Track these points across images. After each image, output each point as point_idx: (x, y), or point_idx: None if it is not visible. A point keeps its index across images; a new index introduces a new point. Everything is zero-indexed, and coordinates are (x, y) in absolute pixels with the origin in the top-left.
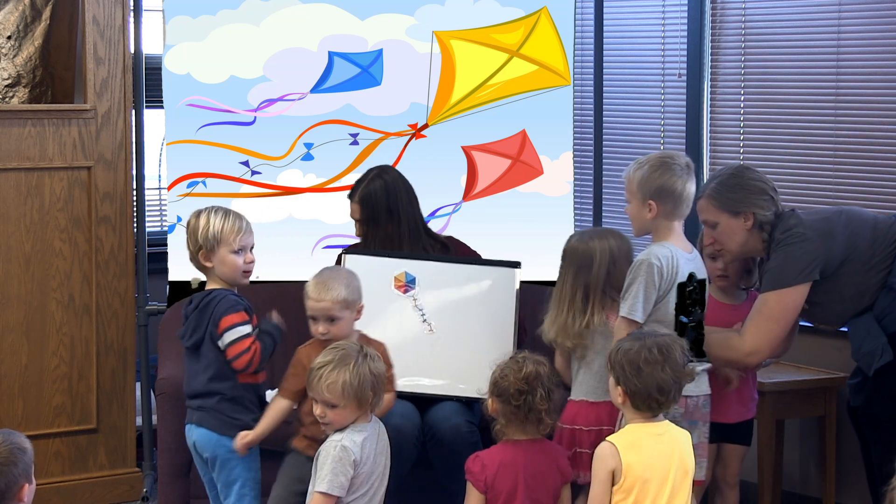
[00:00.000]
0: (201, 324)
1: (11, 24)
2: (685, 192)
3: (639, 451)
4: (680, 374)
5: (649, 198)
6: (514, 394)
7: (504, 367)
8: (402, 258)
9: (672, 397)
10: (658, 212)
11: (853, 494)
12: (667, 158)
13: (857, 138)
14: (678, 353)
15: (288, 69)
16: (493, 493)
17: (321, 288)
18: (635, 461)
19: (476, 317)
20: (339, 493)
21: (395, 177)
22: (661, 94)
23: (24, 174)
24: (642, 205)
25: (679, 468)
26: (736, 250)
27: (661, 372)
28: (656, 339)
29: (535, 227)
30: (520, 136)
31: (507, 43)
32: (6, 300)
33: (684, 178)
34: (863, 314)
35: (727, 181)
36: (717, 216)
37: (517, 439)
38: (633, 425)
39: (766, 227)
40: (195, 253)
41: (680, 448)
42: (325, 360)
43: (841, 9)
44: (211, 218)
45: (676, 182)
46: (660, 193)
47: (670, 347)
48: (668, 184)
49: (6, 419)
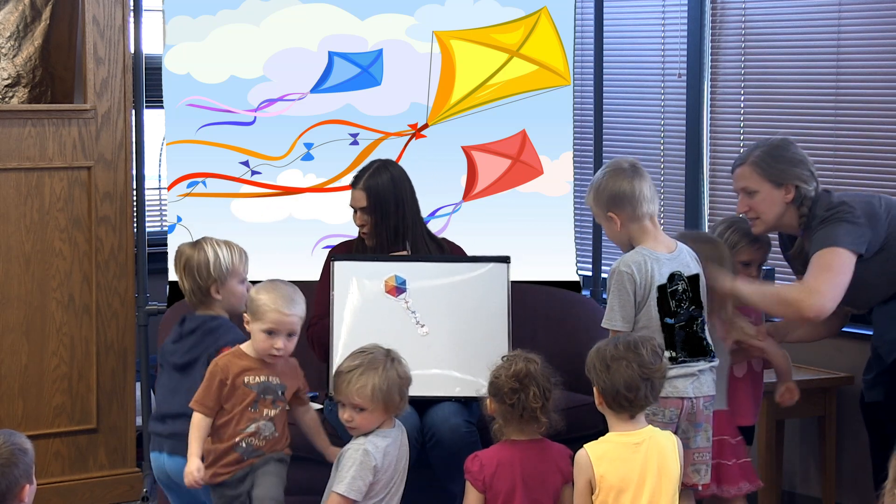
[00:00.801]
0: (200, 346)
1: (11, 24)
2: (636, 190)
3: (611, 461)
4: (649, 372)
5: (607, 211)
6: (508, 392)
7: (498, 366)
8: (392, 261)
9: (643, 396)
10: (621, 219)
11: (853, 494)
12: (609, 168)
13: (857, 138)
14: (647, 350)
15: (288, 69)
16: (491, 493)
17: (288, 302)
18: (608, 471)
19: (469, 314)
20: (355, 496)
21: (401, 171)
22: (661, 94)
23: (24, 174)
24: (607, 221)
25: (659, 475)
26: (772, 221)
27: (628, 368)
28: (627, 337)
29: (535, 227)
30: (520, 136)
31: (507, 43)
32: (6, 300)
33: (629, 177)
34: (889, 302)
35: (772, 151)
36: (758, 184)
37: (516, 439)
38: (610, 433)
39: (805, 202)
40: (206, 286)
41: (661, 455)
42: (353, 365)
43: (841, 9)
44: (218, 250)
45: (622, 184)
46: (613, 201)
47: (638, 345)
48: (615, 188)
49: (6, 419)
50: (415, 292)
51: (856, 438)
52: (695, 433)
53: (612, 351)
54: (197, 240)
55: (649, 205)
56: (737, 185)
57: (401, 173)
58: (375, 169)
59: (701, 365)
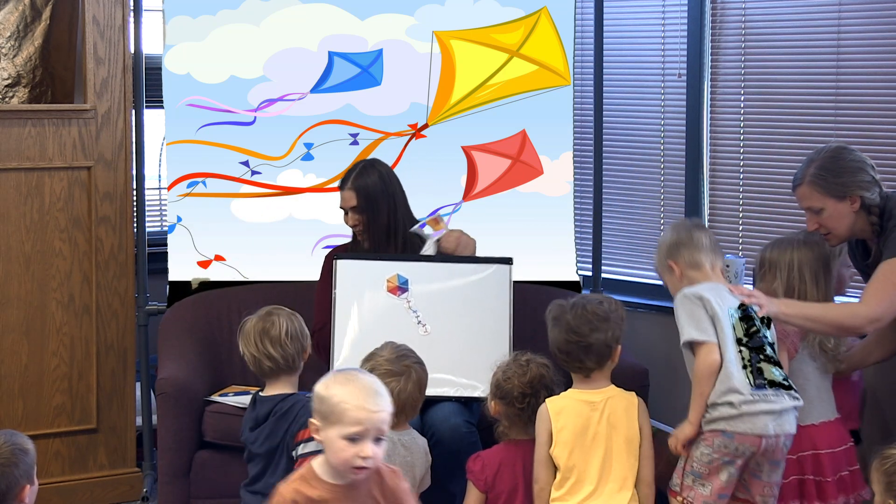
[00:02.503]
0: (278, 431)
1: (11, 24)
2: (694, 238)
3: (567, 416)
4: (577, 336)
5: (667, 259)
6: (518, 397)
7: (507, 369)
8: (394, 260)
9: (577, 358)
10: (680, 268)
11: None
12: (670, 227)
13: (857, 138)
14: (576, 313)
15: (288, 69)
16: (493, 493)
17: (373, 395)
18: (564, 426)
19: (471, 315)
20: None
21: (388, 168)
22: (661, 94)
23: (24, 174)
24: (668, 272)
25: (615, 434)
26: (845, 233)
27: (561, 332)
28: (575, 297)
29: (535, 227)
30: (520, 136)
31: (507, 43)
32: (6, 300)
33: (688, 229)
34: None
35: (827, 165)
36: (822, 202)
37: (519, 439)
38: (570, 390)
39: (873, 209)
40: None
41: (615, 416)
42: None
43: (841, 9)
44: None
45: (680, 234)
46: (672, 251)
47: (575, 306)
48: (673, 239)
49: (6, 419)
50: (417, 292)
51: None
52: (770, 469)
53: (555, 310)
54: (262, 312)
55: (709, 254)
56: (801, 204)
57: (388, 171)
58: (362, 168)
59: (785, 403)
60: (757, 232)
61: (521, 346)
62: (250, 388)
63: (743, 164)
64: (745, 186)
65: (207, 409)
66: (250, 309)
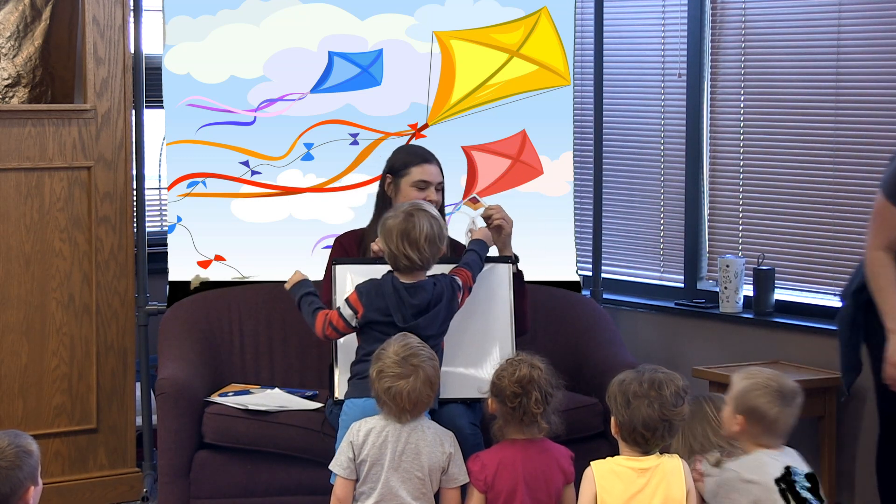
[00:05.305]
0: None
1: (11, 24)
2: (779, 419)
3: (615, 481)
4: (670, 413)
5: (739, 412)
6: (510, 396)
7: (501, 368)
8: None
9: (660, 435)
10: (744, 430)
11: (853, 494)
12: (772, 380)
13: (857, 138)
14: (670, 391)
15: (288, 69)
16: (493, 493)
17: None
18: (610, 489)
19: (473, 315)
20: (338, 471)
21: None
22: (661, 94)
23: (24, 174)
24: (731, 416)
25: (664, 501)
26: None
27: (649, 407)
28: (653, 374)
29: (535, 227)
30: (520, 136)
31: (507, 43)
32: (6, 300)
33: (782, 404)
34: None
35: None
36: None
37: (516, 438)
38: (619, 457)
39: None
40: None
41: (666, 482)
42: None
43: (841, 9)
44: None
45: (771, 408)
46: (752, 413)
47: (662, 384)
48: (761, 407)
49: (6, 419)
50: None
51: (855, 438)
52: None
53: (635, 387)
54: (406, 209)
55: (780, 435)
56: None
57: None
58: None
59: None
60: (757, 232)
61: (522, 345)
62: (250, 386)
63: (743, 164)
64: (745, 186)
65: (207, 409)
66: (250, 309)
